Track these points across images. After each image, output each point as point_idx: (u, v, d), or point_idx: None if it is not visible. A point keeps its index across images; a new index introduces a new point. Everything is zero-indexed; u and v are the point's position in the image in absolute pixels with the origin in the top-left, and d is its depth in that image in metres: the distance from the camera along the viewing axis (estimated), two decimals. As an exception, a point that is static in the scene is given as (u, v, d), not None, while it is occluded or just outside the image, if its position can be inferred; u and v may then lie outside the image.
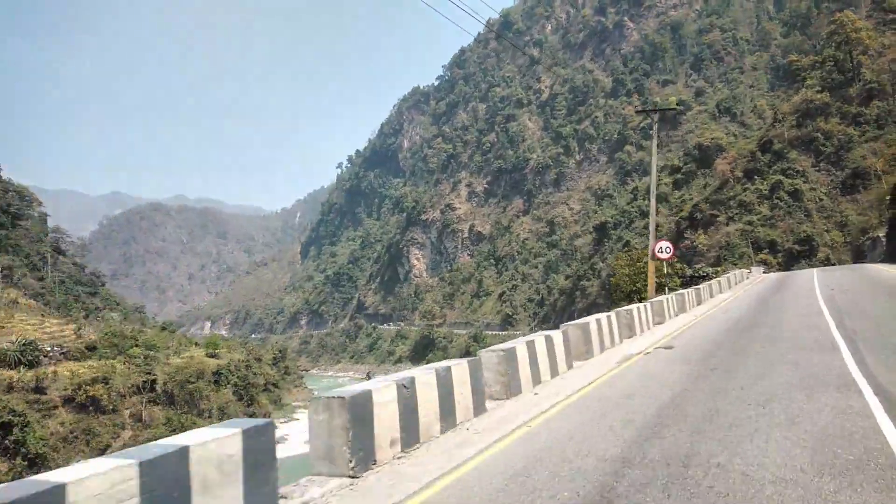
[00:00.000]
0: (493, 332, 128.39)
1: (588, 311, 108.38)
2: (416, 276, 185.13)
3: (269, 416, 72.61)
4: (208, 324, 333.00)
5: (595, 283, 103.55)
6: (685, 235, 71.44)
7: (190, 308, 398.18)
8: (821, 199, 65.86)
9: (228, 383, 69.76)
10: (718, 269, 43.17)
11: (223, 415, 66.37)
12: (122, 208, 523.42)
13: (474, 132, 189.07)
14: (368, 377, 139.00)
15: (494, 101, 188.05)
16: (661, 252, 24.47)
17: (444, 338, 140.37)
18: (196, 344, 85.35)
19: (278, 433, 13.79)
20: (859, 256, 51.92)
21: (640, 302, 21.74)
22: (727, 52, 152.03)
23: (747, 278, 41.60)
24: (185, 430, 6.10)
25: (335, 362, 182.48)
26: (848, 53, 74.45)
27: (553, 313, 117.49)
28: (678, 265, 35.73)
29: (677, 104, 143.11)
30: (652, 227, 26.57)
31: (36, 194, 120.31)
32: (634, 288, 33.23)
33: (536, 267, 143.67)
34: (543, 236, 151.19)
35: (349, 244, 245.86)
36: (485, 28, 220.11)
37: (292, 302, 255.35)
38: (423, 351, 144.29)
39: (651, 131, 25.69)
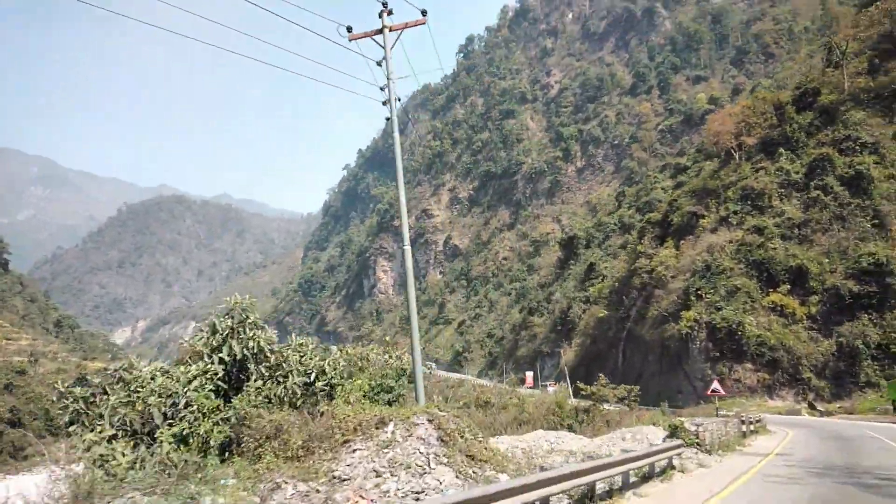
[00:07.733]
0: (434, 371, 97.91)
1: (531, 358, 76.30)
2: (381, 292, 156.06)
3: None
4: (192, 323, 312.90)
5: (546, 320, 72.01)
6: (639, 251, 39.61)
7: (189, 305, 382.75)
8: (906, 199, 33.67)
9: None
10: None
11: None
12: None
13: (466, 129, 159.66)
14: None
15: (494, 94, 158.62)
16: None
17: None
18: None
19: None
20: None
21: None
22: (779, 45, 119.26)
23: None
24: None
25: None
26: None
27: (502, 355, 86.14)
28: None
29: (708, 102, 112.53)
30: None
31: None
32: None
33: (509, 294, 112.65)
34: (525, 257, 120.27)
35: (333, 250, 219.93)
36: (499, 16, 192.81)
37: (264, 309, 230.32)
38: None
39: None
